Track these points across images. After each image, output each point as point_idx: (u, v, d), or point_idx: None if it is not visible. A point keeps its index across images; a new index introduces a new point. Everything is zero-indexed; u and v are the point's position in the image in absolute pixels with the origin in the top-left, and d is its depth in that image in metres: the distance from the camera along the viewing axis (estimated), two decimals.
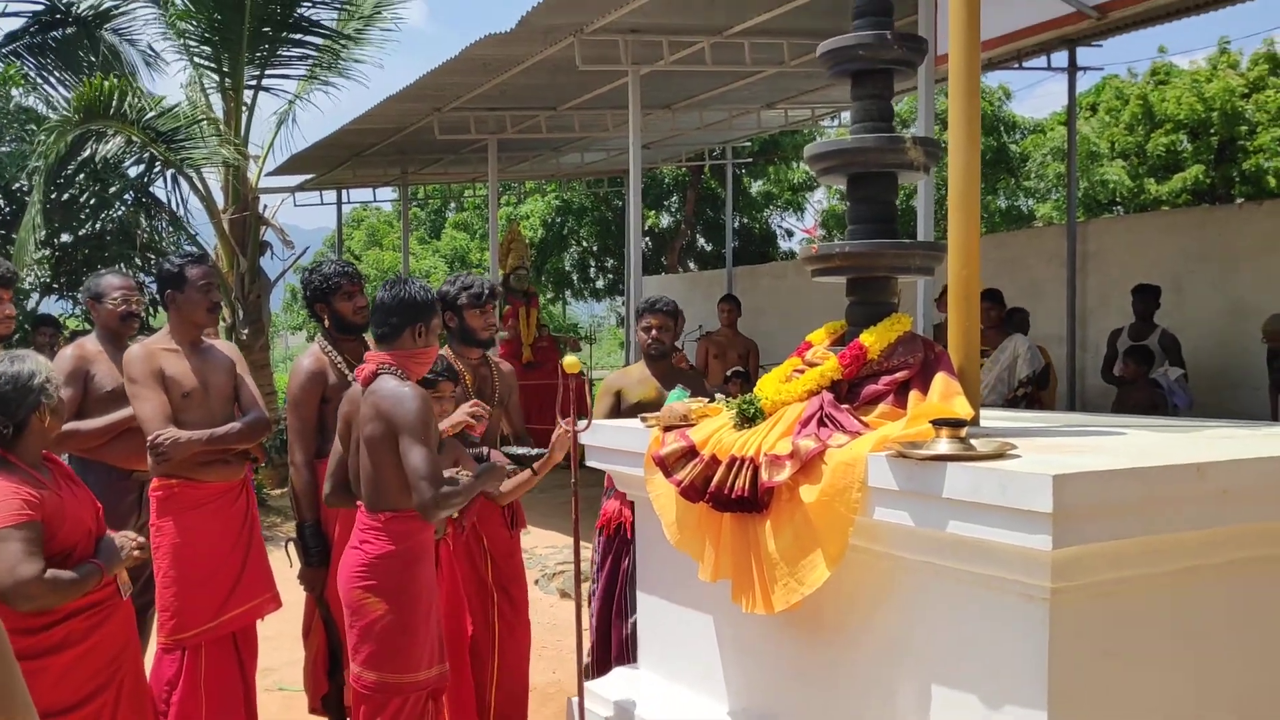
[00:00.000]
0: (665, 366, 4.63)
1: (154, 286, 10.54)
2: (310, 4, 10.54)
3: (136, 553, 3.24)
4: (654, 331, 4.58)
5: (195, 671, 3.89)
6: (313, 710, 4.36)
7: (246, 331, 10.97)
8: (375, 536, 3.28)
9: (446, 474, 3.33)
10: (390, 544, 3.26)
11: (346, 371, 4.04)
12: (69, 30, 10.27)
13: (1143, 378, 7.45)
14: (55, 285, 9.64)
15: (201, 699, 3.87)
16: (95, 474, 4.13)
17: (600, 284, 22.22)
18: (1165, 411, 7.20)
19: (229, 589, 3.99)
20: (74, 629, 3.05)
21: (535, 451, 3.93)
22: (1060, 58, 9.33)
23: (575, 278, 22.23)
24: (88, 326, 8.09)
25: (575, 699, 3.48)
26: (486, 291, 4.25)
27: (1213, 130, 17.67)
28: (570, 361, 3.27)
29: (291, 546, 4.19)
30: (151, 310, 8.33)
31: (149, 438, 3.84)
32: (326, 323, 4.27)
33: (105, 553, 3.15)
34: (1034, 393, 6.94)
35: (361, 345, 4.12)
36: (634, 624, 4.49)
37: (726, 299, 9.85)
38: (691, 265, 20.64)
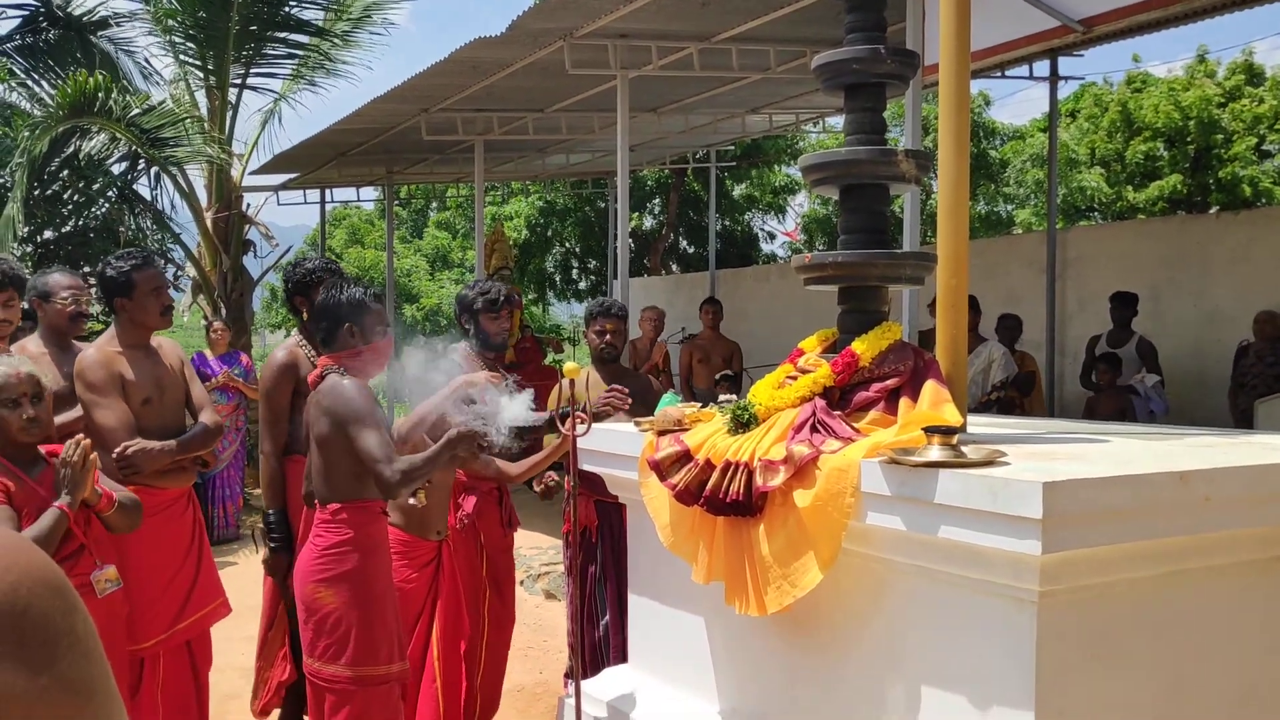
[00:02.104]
0: (615, 369, 4.73)
1: None
2: (298, 3, 10.54)
3: (77, 449, 3.17)
4: (606, 335, 4.69)
5: (153, 681, 3.86)
6: (264, 710, 4.41)
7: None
8: (327, 529, 3.30)
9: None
10: (342, 534, 3.28)
11: None
12: (61, 32, 10.23)
13: (1114, 384, 7.59)
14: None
15: (159, 707, 3.85)
16: None
17: (582, 285, 22.25)
18: (1133, 417, 7.32)
19: (185, 596, 3.96)
20: None
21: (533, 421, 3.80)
22: (1042, 67, 9.47)
23: (558, 278, 22.26)
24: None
25: (567, 698, 3.52)
26: (502, 298, 4.38)
27: (1189, 139, 17.90)
28: (571, 367, 3.31)
29: (258, 533, 4.23)
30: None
31: (117, 449, 3.72)
32: (305, 315, 4.33)
33: (59, 488, 3.13)
34: (1018, 399, 7.05)
35: None
36: (605, 626, 4.57)
37: (709, 302, 9.89)
38: (674, 267, 20.69)
